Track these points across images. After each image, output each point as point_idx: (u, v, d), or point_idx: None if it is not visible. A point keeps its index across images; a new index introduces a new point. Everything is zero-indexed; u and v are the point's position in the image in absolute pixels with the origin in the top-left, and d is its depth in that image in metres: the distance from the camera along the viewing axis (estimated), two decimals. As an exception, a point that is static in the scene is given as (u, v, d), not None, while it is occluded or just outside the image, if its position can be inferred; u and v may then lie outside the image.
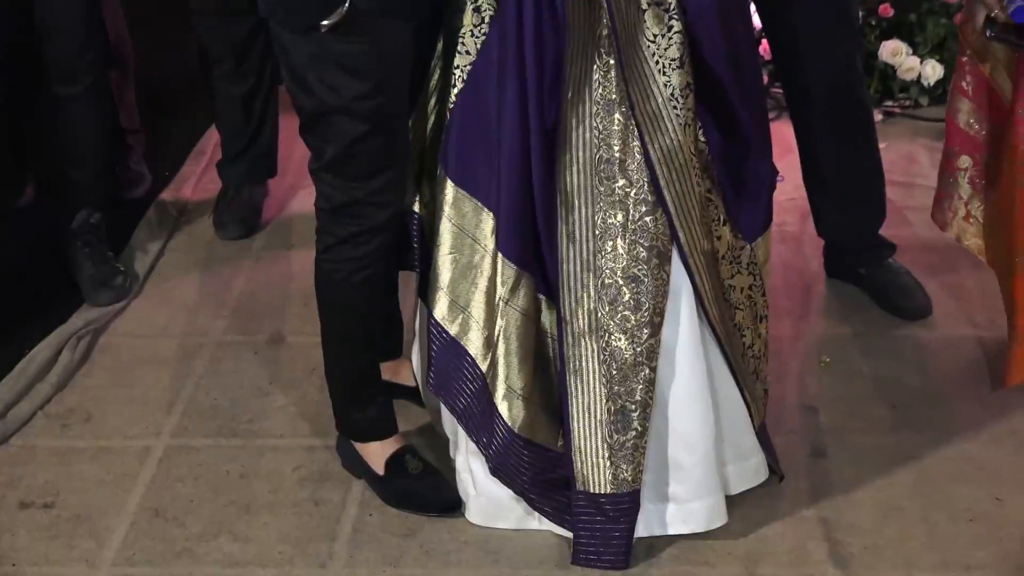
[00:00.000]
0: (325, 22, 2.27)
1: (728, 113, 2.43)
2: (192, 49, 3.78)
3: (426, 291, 2.56)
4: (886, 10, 4.11)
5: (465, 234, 2.47)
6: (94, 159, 3.41)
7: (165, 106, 4.14)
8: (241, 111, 3.63)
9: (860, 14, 3.69)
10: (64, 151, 3.39)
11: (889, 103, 4.15)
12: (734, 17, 2.41)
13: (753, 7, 2.82)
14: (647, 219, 2.37)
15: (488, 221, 2.45)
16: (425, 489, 2.64)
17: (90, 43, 3.30)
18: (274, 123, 3.70)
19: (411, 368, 2.82)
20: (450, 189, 2.47)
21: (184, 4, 3.59)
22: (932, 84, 4.08)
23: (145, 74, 3.90)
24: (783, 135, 3.26)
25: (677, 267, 2.41)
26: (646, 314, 2.39)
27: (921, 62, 4.10)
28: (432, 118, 2.54)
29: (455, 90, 2.44)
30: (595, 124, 2.38)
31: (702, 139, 2.43)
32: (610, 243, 2.39)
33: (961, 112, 2.88)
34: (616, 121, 2.37)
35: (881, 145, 3.21)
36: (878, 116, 3.91)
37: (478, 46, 2.41)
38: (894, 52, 4.09)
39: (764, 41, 3.41)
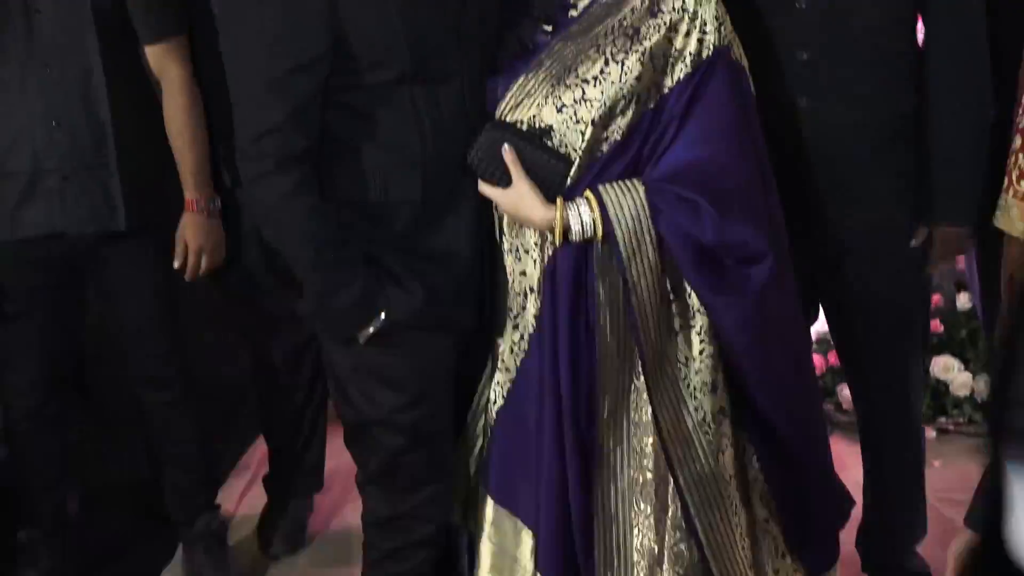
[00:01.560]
0: (362, 333, 2.38)
1: (776, 439, 2.44)
2: (239, 359, 3.79)
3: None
4: (936, 326, 4.16)
5: (505, 554, 2.51)
6: (200, 459, 3.44)
7: (208, 418, 4.17)
8: (291, 425, 3.65)
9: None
10: (168, 459, 3.41)
11: (943, 419, 4.13)
12: (773, 340, 2.40)
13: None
14: (682, 546, 2.40)
15: (528, 540, 2.48)
16: None
17: (175, 351, 3.31)
18: (323, 437, 3.72)
19: None
20: (490, 507, 2.52)
21: (236, 313, 3.60)
22: (985, 400, 4.03)
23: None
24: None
25: None
26: None
27: (973, 378, 4.12)
28: (480, 437, 2.59)
29: (495, 407, 2.51)
30: (632, 445, 2.40)
31: (756, 466, 2.45)
32: (647, 570, 2.41)
33: None
34: (650, 444, 2.39)
35: (935, 463, 3.24)
36: (931, 433, 3.90)
37: (517, 363, 2.47)
38: (946, 368, 4.13)
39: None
